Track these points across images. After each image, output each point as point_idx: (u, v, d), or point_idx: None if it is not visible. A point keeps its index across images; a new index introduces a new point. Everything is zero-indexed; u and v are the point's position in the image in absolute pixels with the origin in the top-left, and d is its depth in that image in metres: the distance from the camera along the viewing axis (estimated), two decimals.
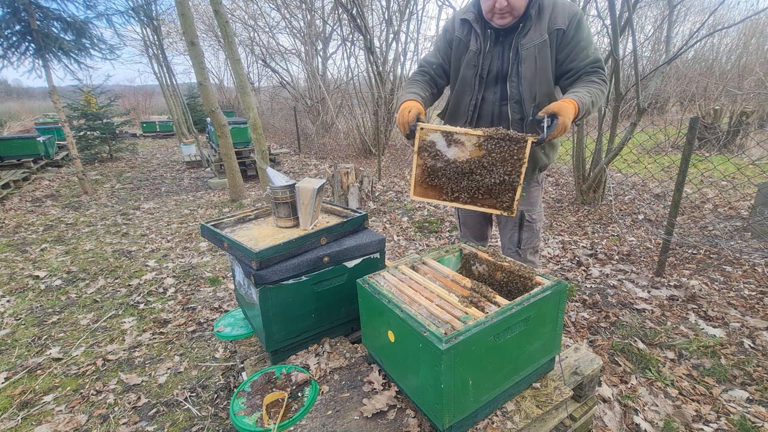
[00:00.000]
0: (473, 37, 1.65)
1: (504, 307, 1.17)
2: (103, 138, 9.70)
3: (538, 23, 1.54)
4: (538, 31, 1.54)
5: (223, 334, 1.82)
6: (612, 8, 3.55)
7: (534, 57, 1.55)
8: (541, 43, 1.54)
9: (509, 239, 1.93)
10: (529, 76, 1.57)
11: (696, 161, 5.63)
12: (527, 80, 1.58)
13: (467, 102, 1.72)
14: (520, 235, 1.89)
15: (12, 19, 5.82)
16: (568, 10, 1.54)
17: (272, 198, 1.68)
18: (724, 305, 2.59)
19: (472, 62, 1.65)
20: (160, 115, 18.72)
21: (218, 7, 4.93)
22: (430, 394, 1.12)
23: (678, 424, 1.74)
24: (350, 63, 11.98)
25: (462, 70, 1.70)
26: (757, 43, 10.27)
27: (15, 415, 1.96)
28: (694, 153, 3.11)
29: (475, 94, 1.69)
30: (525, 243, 1.90)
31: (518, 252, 1.92)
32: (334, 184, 5.03)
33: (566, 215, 4.54)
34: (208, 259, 3.80)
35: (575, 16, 1.53)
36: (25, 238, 4.55)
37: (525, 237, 1.89)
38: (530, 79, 1.57)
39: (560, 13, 1.53)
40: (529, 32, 1.55)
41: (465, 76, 1.69)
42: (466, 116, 1.74)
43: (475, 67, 1.65)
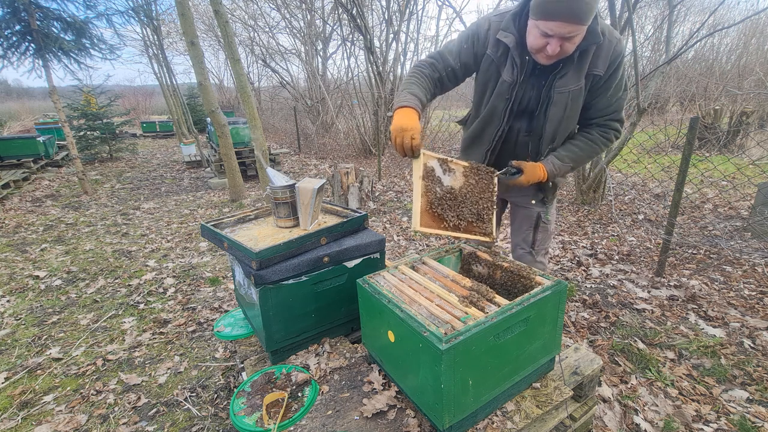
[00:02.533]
0: (509, 65, 1.48)
1: (504, 307, 1.17)
2: (103, 138, 9.70)
3: (579, 67, 1.44)
4: (575, 76, 1.45)
5: (223, 334, 1.82)
6: (612, 8, 3.56)
7: (566, 102, 1.49)
8: (577, 90, 1.47)
9: (523, 239, 1.88)
10: (556, 119, 1.53)
11: (696, 161, 5.63)
12: (552, 122, 1.54)
13: (493, 132, 1.63)
14: (535, 236, 1.85)
15: (12, 19, 5.82)
16: (612, 51, 1.44)
17: (272, 198, 1.68)
18: (724, 305, 2.59)
19: (505, 94, 1.53)
20: (160, 115, 18.73)
21: (218, 7, 4.93)
22: (430, 394, 1.12)
23: (678, 424, 1.74)
24: (350, 63, 11.99)
25: (492, 100, 1.57)
26: (757, 43, 10.27)
27: (15, 415, 1.96)
28: (694, 153, 3.11)
29: (503, 125, 1.60)
30: (539, 244, 1.86)
31: (531, 253, 1.87)
32: (334, 184, 5.03)
33: (566, 215, 4.54)
34: (208, 259, 3.79)
35: (616, 60, 1.45)
36: (25, 238, 4.55)
37: (540, 238, 1.85)
38: (556, 122, 1.54)
39: (603, 56, 1.43)
40: (566, 75, 1.45)
41: (495, 106, 1.57)
42: (489, 145, 1.67)
43: (508, 100, 1.53)
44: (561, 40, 1.31)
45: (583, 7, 1.23)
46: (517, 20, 1.44)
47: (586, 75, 1.46)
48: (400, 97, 1.50)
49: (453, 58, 1.59)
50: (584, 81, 1.46)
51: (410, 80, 1.57)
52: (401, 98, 1.50)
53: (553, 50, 1.32)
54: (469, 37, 1.55)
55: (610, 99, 1.52)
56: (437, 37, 8.89)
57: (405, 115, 1.42)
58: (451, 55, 1.59)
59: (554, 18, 1.26)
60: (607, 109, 1.54)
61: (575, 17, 1.25)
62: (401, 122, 1.41)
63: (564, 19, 1.25)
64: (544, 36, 1.31)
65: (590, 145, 1.58)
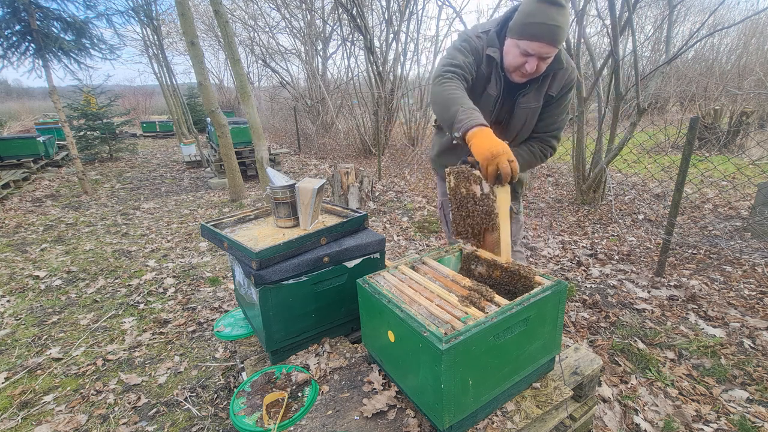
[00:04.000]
0: (494, 80, 1.57)
1: (504, 307, 1.17)
2: (103, 138, 9.70)
3: (541, 87, 1.57)
4: (536, 96, 1.58)
5: (223, 334, 1.82)
6: (612, 8, 3.56)
7: (525, 117, 1.62)
8: (536, 108, 1.61)
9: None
10: (515, 131, 1.67)
11: (696, 161, 5.63)
12: (513, 132, 1.68)
13: None
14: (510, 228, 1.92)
15: (12, 19, 5.81)
16: (566, 78, 1.58)
17: (272, 198, 1.68)
18: (724, 305, 2.59)
19: (489, 107, 1.61)
20: (160, 115, 18.72)
21: (218, 7, 4.93)
22: (430, 394, 1.12)
23: (678, 424, 1.74)
24: (350, 63, 11.98)
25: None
26: (757, 43, 10.26)
27: (15, 415, 1.96)
28: (694, 153, 3.11)
29: None
30: (514, 235, 1.94)
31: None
32: (334, 184, 5.03)
33: (566, 215, 4.54)
34: (208, 259, 3.80)
35: (568, 85, 1.60)
36: (25, 238, 4.55)
37: (514, 229, 1.93)
38: (515, 132, 1.68)
39: (558, 81, 1.58)
40: (529, 94, 1.57)
41: None
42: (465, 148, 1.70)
43: (491, 112, 1.63)
44: (539, 59, 1.42)
45: (559, 33, 1.37)
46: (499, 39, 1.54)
47: (545, 97, 1.60)
48: (460, 116, 1.32)
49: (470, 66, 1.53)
50: (542, 101, 1.60)
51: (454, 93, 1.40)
52: (466, 117, 1.31)
53: (532, 68, 1.43)
54: (470, 52, 1.54)
55: (555, 118, 1.67)
56: (437, 37, 8.89)
57: (488, 137, 1.25)
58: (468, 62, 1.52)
59: (537, 39, 1.37)
60: (550, 126, 1.68)
61: (555, 40, 1.37)
62: (490, 146, 1.23)
63: (546, 41, 1.37)
64: (524, 55, 1.42)
65: (531, 155, 1.70)
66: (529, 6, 1.38)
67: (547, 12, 1.34)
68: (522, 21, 1.39)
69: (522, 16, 1.39)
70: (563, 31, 1.37)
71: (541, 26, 1.35)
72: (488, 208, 1.42)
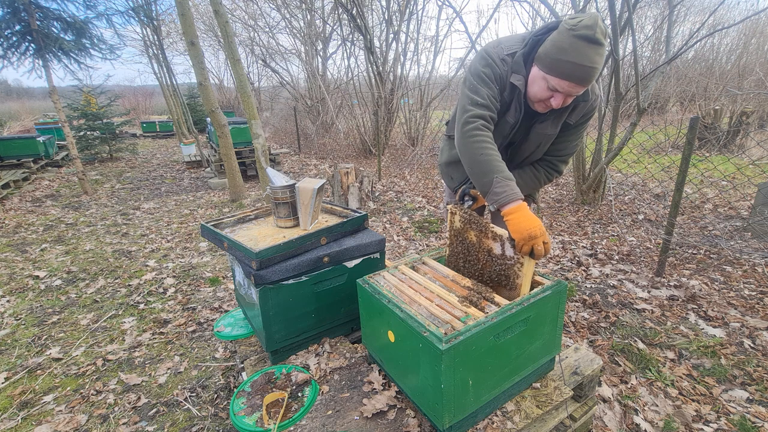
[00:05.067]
0: (514, 107, 1.47)
1: (504, 307, 1.17)
2: (103, 138, 9.70)
3: (559, 117, 1.49)
4: (554, 124, 1.50)
5: (223, 334, 1.82)
6: (612, 8, 3.55)
7: (539, 142, 1.56)
8: (550, 135, 1.53)
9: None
10: (528, 153, 1.62)
11: (696, 161, 5.63)
12: (521, 155, 1.63)
13: None
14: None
15: (12, 19, 5.81)
16: (588, 108, 1.49)
17: (272, 198, 1.69)
18: (724, 305, 2.59)
19: (505, 133, 1.53)
20: (160, 115, 18.72)
21: (218, 7, 4.93)
22: (430, 394, 1.12)
23: (678, 424, 1.74)
24: (350, 63, 11.97)
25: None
26: (757, 43, 10.26)
27: (15, 415, 1.96)
28: (694, 153, 3.11)
29: None
30: None
31: None
32: (334, 184, 5.03)
33: (566, 215, 4.54)
34: (208, 259, 3.79)
35: (588, 114, 1.51)
36: (25, 238, 4.55)
37: None
38: (527, 154, 1.63)
39: (579, 110, 1.49)
40: (546, 122, 1.49)
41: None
42: None
43: (505, 138, 1.56)
44: (566, 96, 1.33)
45: (594, 74, 1.25)
46: (526, 62, 1.40)
47: (563, 124, 1.52)
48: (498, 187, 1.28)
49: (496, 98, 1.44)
50: (559, 128, 1.52)
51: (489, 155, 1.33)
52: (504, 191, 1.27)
53: (558, 104, 1.34)
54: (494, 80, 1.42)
55: (568, 144, 1.60)
56: (437, 37, 8.89)
57: (526, 217, 1.23)
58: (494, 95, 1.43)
59: (566, 78, 1.26)
60: (561, 150, 1.62)
61: (585, 81, 1.27)
62: (528, 227, 1.21)
63: (576, 81, 1.26)
64: (551, 90, 1.32)
65: (535, 180, 1.65)
66: (564, 40, 1.23)
67: (584, 51, 1.21)
68: (554, 55, 1.25)
69: (554, 50, 1.26)
70: (598, 71, 1.26)
71: (575, 66, 1.23)
72: (507, 270, 1.33)
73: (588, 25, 1.19)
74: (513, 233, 1.24)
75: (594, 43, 1.20)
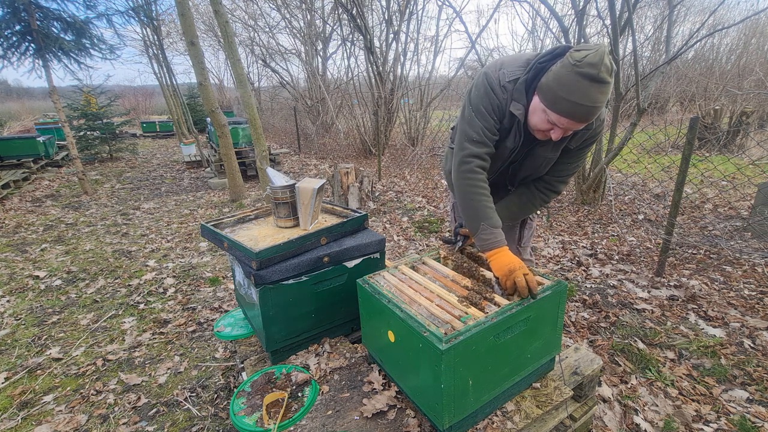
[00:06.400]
0: (513, 134, 1.46)
1: (504, 307, 1.17)
2: (103, 138, 9.70)
3: (561, 142, 1.45)
4: (555, 148, 1.48)
5: (223, 334, 1.82)
6: (612, 8, 3.55)
7: (539, 164, 1.54)
8: (551, 158, 1.52)
9: (509, 236, 1.89)
10: (528, 171, 1.60)
11: (696, 161, 5.63)
12: (523, 172, 1.61)
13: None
14: (521, 233, 1.88)
15: (12, 19, 5.81)
16: (591, 133, 1.45)
17: (272, 198, 1.69)
18: (724, 305, 2.59)
19: (504, 157, 1.53)
20: (160, 115, 18.73)
21: (218, 7, 4.93)
22: (430, 394, 1.12)
23: (678, 424, 1.74)
24: (350, 63, 11.97)
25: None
26: (757, 43, 10.26)
27: (15, 415, 1.96)
28: (694, 153, 3.11)
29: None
30: (525, 241, 1.90)
31: (518, 249, 1.90)
32: (334, 184, 5.03)
33: (566, 215, 4.54)
34: (208, 259, 3.79)
35: (591, 139, 1.48)
36: (25, 238, 4.55)
37: (526, 235, 1.89)
38: (526, 172, 1.61)
39: (581, 135, 1.45)
40: (547, 146, 1.47)
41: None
42: None
43: (504, 162, 1.56)
44: (566, 130, 1.30)
45: (596, 112, 1.21)
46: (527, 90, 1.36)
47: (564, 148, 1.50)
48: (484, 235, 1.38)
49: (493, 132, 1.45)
50: (560, 152, 1.50)
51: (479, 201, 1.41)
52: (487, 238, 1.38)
53: (557, 137, 1.32)
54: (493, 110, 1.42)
55: (568, 165, 1.57)
56: (437, 37, 8.89)
57: (506, 256, 1.34)
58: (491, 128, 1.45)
59: (567, 116, 1.22)
60: (560, 172, 1.58)
61: (587, 120, 1.23)
62: (508, 263, 1.31)
63: (577, 120, 1.23)
64: (551, 123, 1.29)
65: (529, 205, 1.64)
66: (567, 76, 1.17)
67: (586, 91, 1.16)
68: (555, 92, 1.21)
69: (556, 85, 1.20)
70: (600, 109, 1.21)
71: (576, 105, 1.18)
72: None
73: (593, 63, 1.13)
74: (495, 271, 1.34)
75: (598, 83, 1.15)
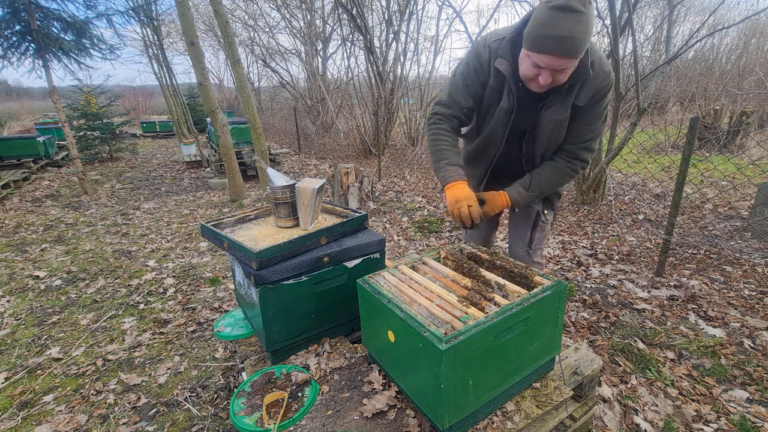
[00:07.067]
0: (506, 93, 1.50)
1: (504, 307, 1.17)
2: (103, 138, 9.70)
3: (567, 98, 1.46)
4: (562, 108, 1.47)
5: (223, 334, 1.82)
6: (612, 8, 3.55)
7: (552, 130, 1.53)
8: (562, 120, 1.50)
9: (520, 238, 1.89)
10: (544, 144, 1.58)
11: (696, 161, 5.63)
12: (542, 146, 1.59)
13: (493, 152, 1.70)
14: (533, 235, 1.85)
15: (12, 19, 5.81)
16: (597, 86, 1.44)
17: (272, 198, 1.68)
18: (724, 305, 2.59)
19: (503, 121, 1.55)
20: (160, 115, 18.71)
21: (218, 7, 4.93)
22: (430, 394, 1.12)
23: (678, 424, 1.74)
24: (350, 63, 11.97)
25: (492, 125, 1.60)
26: (757, 43, 10.26)
27: (15, 415, 1.96)
28: (694, 153, 3.11)
29: (500, 147, 1.66)
30: (536, 243, 1.86)
31: (528, 252, 1.87)
32: (334, 184, 5.03)
33: (566, 215, 4.54)
34: (208, 259, 3.79)
35: (599, 93, 1.46)
36: (25, 238, 4.55)
37: (537, 237, 1.85)
38: (544, 146, 1.59)
39: (588, 89, 1.44)
40: (553, 106, 1.47)
41: (495, 131, 1.61)
42: (488, 163, 1.75)
43: (505, 126, 1.57)
44: (552, 72, 1.31)
45: (574, 44, 1.22)
46: (514, 46, 1.41)
47: (572, 106, 1.48)
48: (442, 173, 1.56)
49: (464, 99, 1.58)
50: (569, 111, 1.48)
51: (439, 145, 1.58)
52: (444, 174, 1.55)
53: (545, 81, 1.33)
54: (474, 71, 1.53)
55: (586, 128, 1.54)
56: (437, 37, 8.89)
57: (457, 187, 1.49)
58: (461, 96, 1.58)
59: (545, 52, 1.25)
60: (581, 137, 1.56)
61: (565, 53, 1.24)
62: (455, 194, 1.47)
63: (555, 54, 1.25)
64: (536, 67, 1.32)
65: (556, 174, 1.61)
66: (541, 14, 1.23)
67: (560, 22, 1.19)
68: (533, 31, 1.26)
69: (534, 26, 1.25)
70: (580, 41, 1.22)
71: (552, 39, 1.21)
72: None
73: None
74: (447, 203, 1.51)
75: (569, 11, 1.17)
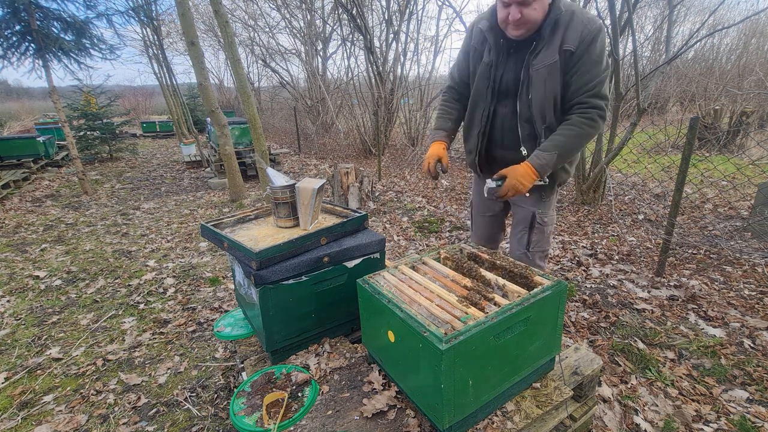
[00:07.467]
0: (487, 48, 1.60)
1: (504, 307, 1.17)
2: (103, 138, 9.70)
3: (551, 43, 1.46)
4: (549, 51, 1.46)
5: (223, 334, 1.82)
6: (612, 8, 3.55)
7: (543, 79, 1.49)
8: (551, 65, 1.46)
9: (518, 240, 1.88)
10: (540, 98, 1.53)
11: (696, 161, 5.62)
12: (538, 102, 1.54)
13: (480, 113, 1.72)
14: (530, 237, 1.83)
15: (12, 19, 5.81)
16: (582, 29, 1.43)
17: (272, 198, 1.69)
18: (724, 305, 2.59)
19: (485, 75, 1.62)
20: (160, 115, 18.70)
21: (218, 7, 4.92)
22: (430, 394, 1.12)
23: (678, 424, 1.74)
24: (350, 63, 11.97)
25: (477, 82, 1.67)
26: (757, 43, 10.26)
27: (15, 415, 1.96)
28: (694, 153, 3.11)
29: (488, 106, 1.67)
30: (534, 246, 1.84)
31: (527, 254, 1.86)
32: (334, 184, 5.03)
33: (566, 215, 4.54)
34: (208, 259, 3.79)
35: (588, 36, 1.43)
36: (25, 238, 4.55)
37: (534, 239, 1.83)
38: (540, 101, 1.53)
39: (573, 32, 1.43)
40: (540, 52, 1.48)
41: (479, 87, 1.67)
42: (479, 127, 1.74)
43: (488, 80, 1.62)
44: (519, 6, 1.41)
45: None
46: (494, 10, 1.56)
47: (560, 51, 1.47)
48: (431, 135, 1.86)
49: (460, 70, 1.79)
50: (558, 56, 1.47)
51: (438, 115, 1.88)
52: (431, 136, 1.85)
53: (514, 17, 1.42)
54: (465, 42, 1.74)
55: (587, 76, 1.48)
56: (437, 37, 8.89)
57: (432, 147, 1.78)
58: (459, 68, 1.80)
59: None
60: (584, 86, 1.49)
61: None
62: (428, 152, 1.76)
63: None
64: (505, 7, 1.44)
65: (571, 128, 1.51)
66: None
67: None
68: None
69: None
70: None
71: None
72: None
73: None
74: None
75: None
